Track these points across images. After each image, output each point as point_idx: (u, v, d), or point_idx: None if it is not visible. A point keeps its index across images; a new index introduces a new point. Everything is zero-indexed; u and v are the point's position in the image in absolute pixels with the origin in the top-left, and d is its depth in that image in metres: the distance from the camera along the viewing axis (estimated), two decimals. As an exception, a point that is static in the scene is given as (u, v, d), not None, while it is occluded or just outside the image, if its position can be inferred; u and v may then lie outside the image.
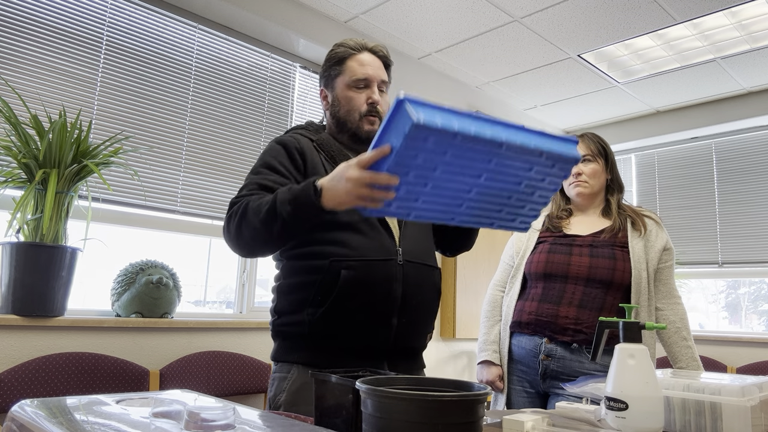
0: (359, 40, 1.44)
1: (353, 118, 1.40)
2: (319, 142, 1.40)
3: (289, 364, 1.32)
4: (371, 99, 1.39)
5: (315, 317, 1.28)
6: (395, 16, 3.20)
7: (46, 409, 0.87)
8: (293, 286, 1.33)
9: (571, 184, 1.88)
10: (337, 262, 1.27)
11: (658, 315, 1.81)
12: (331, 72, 1.44)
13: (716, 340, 3.87)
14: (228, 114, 2.93)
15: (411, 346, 1.38)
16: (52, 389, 2.01)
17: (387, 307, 1.29)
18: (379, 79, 1.42)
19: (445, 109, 0.92)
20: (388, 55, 1.47)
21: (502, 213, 1.11)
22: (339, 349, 1.29)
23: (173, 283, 2.43)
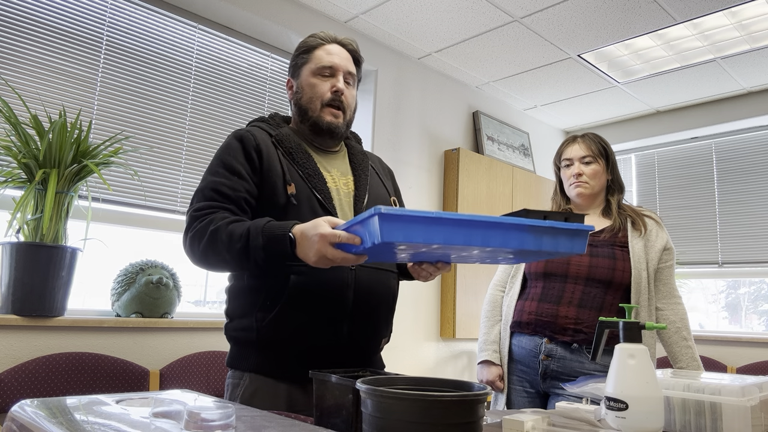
0: (331, 33, 1.43)
1: (315, 106, 1.37)
2: (278, 137, 1.36)
3: (242, 371, 1.29)
4: (335, 87, 1.36)
5: (264, 323, 1.24)
6: (395, 16, 3.20)
7: (46, 409, 0.87)
8: (243, 289, 1.30)
9: (572, 184, 1.87)
10: (287, 266, 1.23)
11: (659, 315, 1.81)
12: (299, 60, 1.42)
13: (716, 340, 3.87)
14: (228, 114, 2.93)
15: (364, 353, 1.34)
16: (52, 389, 2.01)
17: (338, 313, 1.26)
18: (345, 70, 1.39)
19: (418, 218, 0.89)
20: (358, 50, 1.45)
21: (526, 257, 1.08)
22: (289, 356, 1.26)
23: (173, 283, 2.43)
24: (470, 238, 0.92)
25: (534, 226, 0.96)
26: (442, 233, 0.90)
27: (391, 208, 0.87)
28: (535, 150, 4.64)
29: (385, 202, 1.45)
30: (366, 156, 1.50)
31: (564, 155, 1.91)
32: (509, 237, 0.95)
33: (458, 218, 0.90)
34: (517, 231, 0.95)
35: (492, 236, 0.93)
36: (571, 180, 1.88)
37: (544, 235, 0.98)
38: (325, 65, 1.37)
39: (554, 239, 0.99)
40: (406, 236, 0.87)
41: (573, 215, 1.04)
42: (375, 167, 1.52)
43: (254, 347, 1.27)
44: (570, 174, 1.88)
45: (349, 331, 1.28)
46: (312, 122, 1.38)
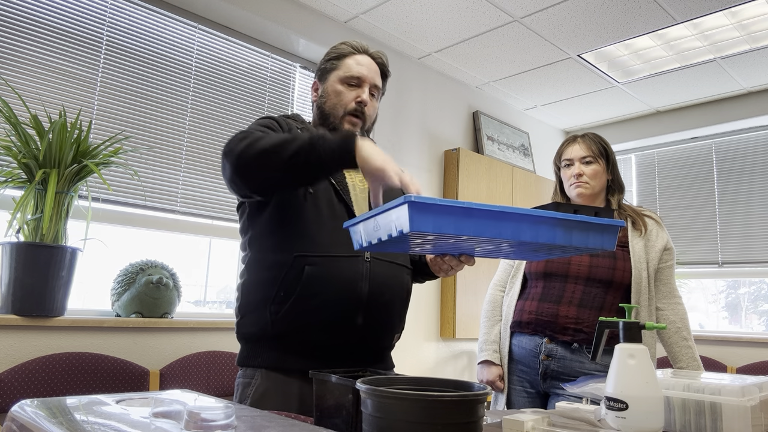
0: (363, 43, 1.45)
1: (337, 113, 1.39)
2: (304, 129, 1.40)
3: (253, 369, 1.29)
4: (360, 98, 1.38)
5: (278, 315, 1.25)
6: (395, 16, 3.20)
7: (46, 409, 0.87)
8: (257, 282, 1.30)
9: (572, 184, 1.87)
10: (301, 257, 1.24)
11: (659, 315, 1.81)
12: (328, 65, 1.44)
13: (716, 340, 3.87)
14: (228, 114, 2.93)
15: (377, 347, 1.34)
16: (52, 389, 2.01)
17: (352, 306, 1.26)
18: (372, 82, 1.41)
19: (449, 208, 0.86)
20: (386, 63, 1.47)
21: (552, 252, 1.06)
22: (302, 349, 1.26)
23: (173, 283, 2.43)
24: (501, 231, 0.90)
25: (565, 220, 0.94)
26: (472, 225, 0.88)
27: (422, 197, 0.85)
28: (535, 150, 4.64)
29: None
30: None
31: (564, 155, 1.91)
32: (540, 230, 0.93)
33: (490, 210, 0.88)
34: (549, 225, 0.93)
35: (523, 229, 0.91)
36: (571, 180, 1.87)
37: (574, 230, 0.96)
38: (354, 75, 1.39)
39: (585, 234, 0.97)
40: (435, 227, 0.85)
41: (603, 210, 1.02)
42: None
43: (267, 342, 1.28)
44: (570, 174, 1.88)
45: (363, 323, 1.28)
46: (331, 128, 1.40)
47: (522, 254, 1.11)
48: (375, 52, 1.45)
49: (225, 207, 2.86)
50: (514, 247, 1.00)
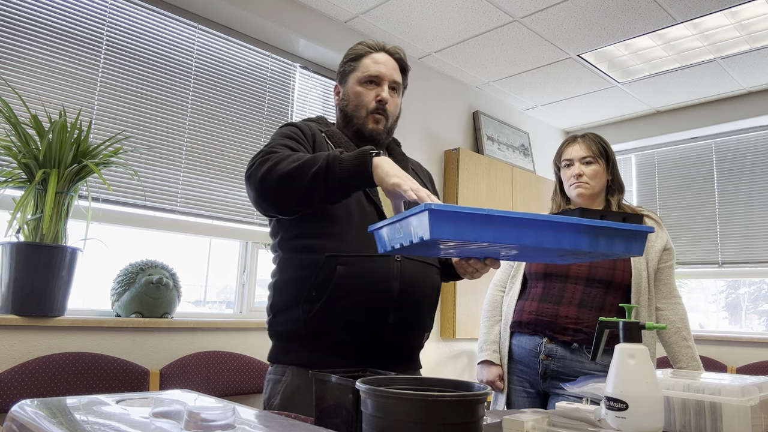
0: (379, 41, 1.46)
1: (360, 114, 1.41)
2: (329, 133, 1.41)
3: (284, 366, 1.31)
4: (380, 96, 1.39)
5: (310, 314, 1.26)
6: (395, 16, 3.20)
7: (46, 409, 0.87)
8: (289, 282, 1.32)
9: (572, 185, 1.87)
10: (332, 257, 1.26)
11: (659, 315, 1.81)
12: (346, 68, 1.45)
13: (716, 340, 3.87)
14: (228, 114, 2.93)
15: (407, 345, 1.36)
16: (52, 389, 2.01)
17: (383, 305, 1.27)
18: (390, 79, 1.42)
19: (468, 215, 0.86)
20: (404, 58, 1.47)
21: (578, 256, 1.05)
22: (334, 348, 1.27)
23: (173, 283, 2.43)
24: (522, 237, 0.90)
25: (591, 226, 0.93)
26: (492, 232, 0.88)
27: (442, 204, 0.85)
28: (535, 150, 4.64)
29: None
30: (406, 158, 1.54)
31: (564, 155, 1.91)
32: (563, 237, 0.92)
33: (511, 216, 0.88)
34: (572, 231, 0.93)
35: (545, 235, 0.91)
36: (571, 180, 1.87)
37: (600, 236, 0.95)
38: (372, 74, 1.40)
39: (610, 240, 0.96)
40: (455, 234, 0.86)
41: (630, 216, 1.01)
42: (415, 169, 1.56)
43: (299, 340, 1.29)
44: (570, 174, 1.88)
45: (394, 321, 1.29)
46: (356, 129, 1.42)
47: (547, 258, 1.10)
48: (392, 47, 1.45)
49: (225, 207, 2.86)
50: (538, 252, 0.99)
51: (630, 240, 0.98)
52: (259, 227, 2.99)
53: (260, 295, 3.04)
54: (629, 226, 0.96)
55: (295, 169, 1.15)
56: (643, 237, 0.99)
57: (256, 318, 2.91)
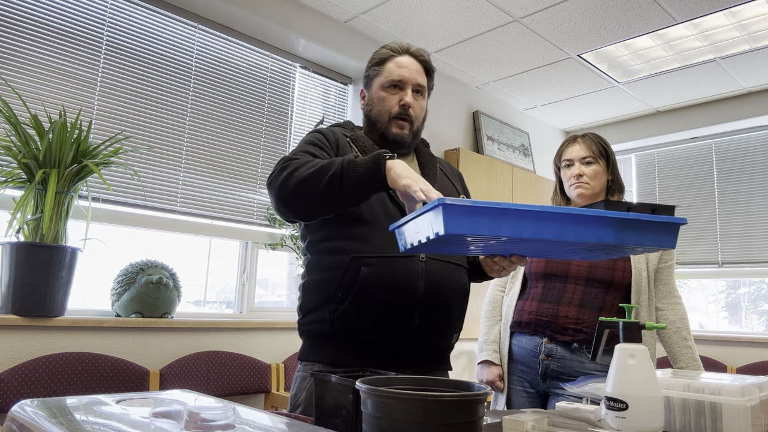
0: (403, 43, 1.45)
1: (383, 119, 1.41)
2: (353, 137, 1.42)
3: (312, 363, 1.33)
4: (403, 101, 1.39)
5: (336, 314, 1.28)
6: (395, 16, 3.20)
7: (46, 409, 0.87)
8: (316, 283, 1.34)
9: (572, 185, 1.87)
10: (357, 258, 1.27)
11: (659, 315, 1.81)
12: (371, 72, 1.45)
13: (716, 340, 3.87)
14: (228, 114, 2.93)
15: (435, 346, 1.36)
16: (52, 389, 2.01)
17: (408, 306, 1.28)
18: (414, 82, 1.41)
19: (483, 209, 0.84)
20: (429, 60, 1.47)
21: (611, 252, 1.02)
22: (360, 348, 1.29)
23: (173, 283, 2.43)
24: (541, 231, 0.87)
25: (615, 218, 0.90)
26: (509, 226, 0.86)
27: (455, 199, 0.84)
28: (535, 150, 4.64)
29: None
30: (434, 158, 1.53)
31: (564, 155, 1.91)
32: (586, 230, 0.89)
33: (527, 209, 0.86)
34: (596, 224, 0.89)
35: (566, 229, 0.88)
36: (571, 181, 1.87)
37: (628, 229, 0.91)
38: (395, 79, 1.40)
39: (640, 233, 0.92)
40: (470, 228, 0.84)
41: (661, 207, 0.96)
42: (444, 169, 1.55)
43: (327, 339, 1.31)
44: (570, 174, 1.88)
45: (420, 322, 1.29)
46: (380, 134, 1.42)
47: (577, 254, 1.08)
48: (416, 50, 1.45)
49: (225, 207, 2.86)
50: (564, 247, 0.97)
51: (661, 232, 0.93)
52: (259, 227, 2.99)
53: (260, 295, 3.05)
54: (659, 218, 0.92)
55: (311, 174, 1.17)
56: (675, 229, 0.94)
57: (256, 318, 2.91)
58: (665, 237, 0.94)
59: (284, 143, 3.16)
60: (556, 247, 0.98)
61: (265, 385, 2.63)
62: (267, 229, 3.01)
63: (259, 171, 3.02)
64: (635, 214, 0.91)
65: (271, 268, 3.14)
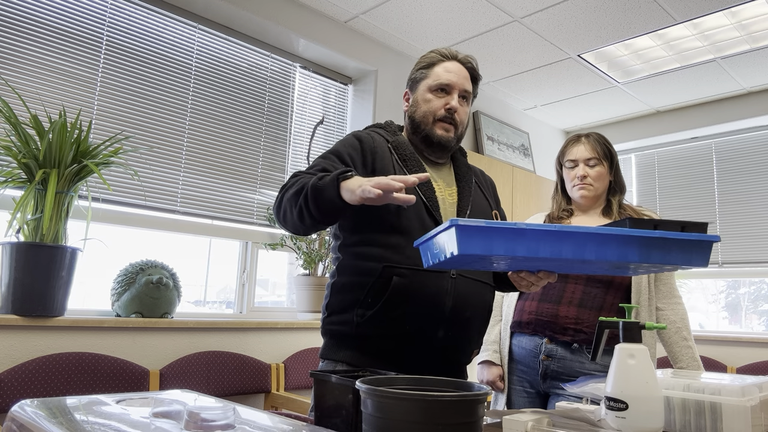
0: (452, 50, 1.46)
1: (428, 121, 1.41)
2: (395, 143, 1.41)
3: (333, 362, 1.34)
4: (449, 105, 1.40)
5: (363, 319, 1.29)
6: (395, 16, 3.20)
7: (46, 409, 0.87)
8: (346, 285, 1.34)
9: (575, 186, 1.87)
10: (389, 268, 1.28)
11: (659, 315, 1.81)
12: (418, 75, 1.46)
13: (716, 340, 3.87)
14: (228, 114, 2.93)
15: (455, 361, 1.37)
16: (52, 389, 2.01)
17: (434, 320, 1.29)
18: (461, 88, 1.42)
19: (497, 230, 0.84)
20: (476, 67, 1.48)
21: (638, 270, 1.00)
22: (381, 354, 1.30)
23: (173, 283, 2.43)
24: (560, 250, 0.87)
25: (639, 237, 0.87)
26: (525, 246, 0.86)
27: (468, 220, 0.84)
28: (535, 150, 4.64)
29: (487, 215, 1.49)
30: (470, 169, 1.54)
31: (568, 155, 1.90)
32: (607, 248, 0.88)
33: (544, 229, 0.85)
34: (618, 242, 0.88)
35: (585, 248, 0.87)
36: (575, 181, 1.87)
37: (652, 248, 0.88)
38: (443, 83, 1.41)
39: (665, 252, 0.89)
40: (484, 249, 0.84)
41: (691, 224, 0.92)
42: (478, 180, 1.55)
43: (350, 341, 1.32)
44: (574, 175, 1.87)
45: (444, 337, 1.31)
46: (424, 135, 1.42)
47: (605, 271, 1.06)
48: (464, 57, 1.46)
49: (225, 207, 2.86)
50: (591, 265, 0.96)
51: (691, 251, 0.90)
52: (259, 227, 2.99)
53: (260, 295, 3.05)
54: (687, 235, 0.89)
55: (292, 196, 1.23)
56: (708, 246, 0.91)
57: (256, 318, 2.91)
58: (695, 256, 0.91)
59: (284, 143, 3.16)
60: (582, 265, 0.97)
61: (265, 385, 2.63)
62: (267, 229, 3.01)
63: (259, 171, 3.02)
64: (661, 232, 0.89)
65: (271, 268, 3.14)
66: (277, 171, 3.11)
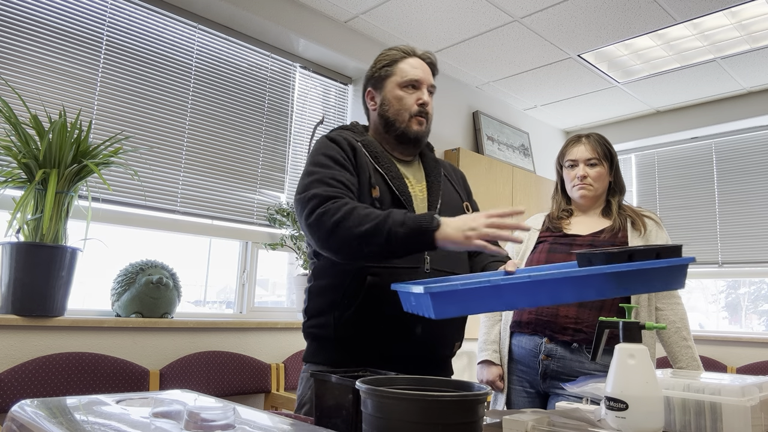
0: (409, 46, 1.48)
1: (403, 118, 1.42)
2: (364, 143, 1.42)
3: (317, 364, 1.35)
4: (421, 100, 1.42)
5: (341, 321, 1.30)
6: (395, 16, 3.20)
7: (46, 409, 0.87)
8: (323, 288, 1.36)
9: (575, 186, 1.87)
10: (364, 267, 1.29)
11: (658, 315, 1.81)
12: (381, 73, 1.46)
13: (716, 340, 3.87)
14: (228, 114, 2.93)
15: (437, 356, 1.38)
16: (52, 389, 2.01)
17: (411, 316, 1.29)
18: (429, 83, 1.45)
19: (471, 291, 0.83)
20: (436, 62, 1.51)
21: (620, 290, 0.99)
22: (362, 353, 1.31)
23: (173, 283, 2.43)
24: (536, 299, 0.86)
25: (616, 273, 0.86)
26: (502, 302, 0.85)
27: (443, 286, 0.83)
28: (535, 150, 4.64)
29: (458, 208, 1.50)
30: (438, 163, 1.55)
31: (568, 156, 1.90)
32: (586, 289, 0.86)
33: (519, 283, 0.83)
34: (596, 281, 0.86)
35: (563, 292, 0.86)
36: (575, 182, 1.87)
37: (630, 280, 0.87)
38: (412, 78, 1.43)
39: (644, 281, 0.88)
40: (460, 310, 0.84)
41: (665, 249, 0.90)
42: (447, 174, 1.56)
43: (330, 343, 1.33)
44: (574, 175, 1.87)
45: (423, 331, 1.31)
46: (400, 132, 1.43)
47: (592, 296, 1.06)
48: (423, 53, 1.49)
49: (225, 207, 2.86)
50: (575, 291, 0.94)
51: (668, 276, 0.89)
52: (259, 227, 2.99)
53: (260, 295, 3.05)
54: (662, 263, 0.87)
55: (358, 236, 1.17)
56: (684, 270, 0.89)
57: (256, 318, 2.91)
58: (673, 279, 0.91)
59: (284, 143, 3.16)
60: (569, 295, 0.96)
61: (265, 385, 2.62)
62: (267, 229, 3.01)
63: (259, 171, 3.02)
64: (637, 264, 0.87)
65: (271, 268, 3.14)
66: (277, 171, 3.11)
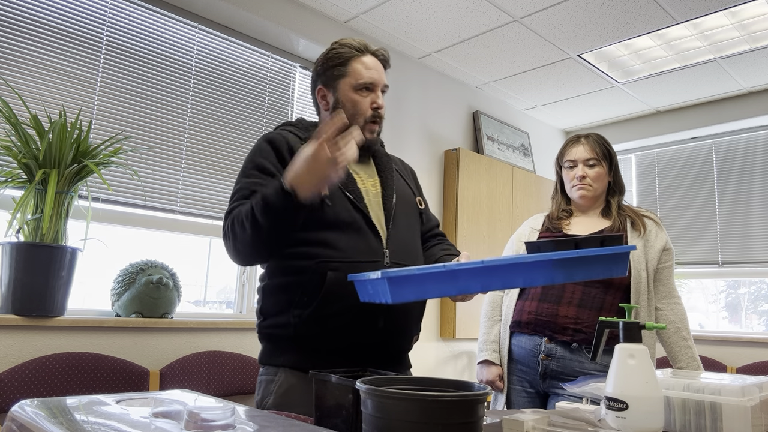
0: (361, 40, 1.42)
1: (357, 123, 1.39)
2: (307, 139, 1.39)
3: (276, 367, 1.32)
4: (376, 103, 1.39)
5: (301, 319, 1.27)
6: (395, 16, 3.20)
7: (46, 409, 0.87)
8: (279, 286, 1.33)
9: (574, 186, 1.87)
10: (323, 263, 1.27)
11: (658, 315, 1.81)
12: (334, 72, 1.41)
13: (716, 340, 3.87)
14: (228, 114, 2.93)
15: (397, 349, 1.38)
16: (52, 389, 2.01)
17: (373, 310, 1.28)
18: (383, 84, 1.42)
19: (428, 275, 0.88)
20: (389, 58, 1.47)
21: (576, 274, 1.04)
22: (325, 351, 1.29)
23: (173, 283, 2.43)
24: (490, 284, 0.90)
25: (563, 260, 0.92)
26: (456, 285, 0.89)
27: (398, 270, 0.86)
28: (535, 150, 4.64)
29: (411, 202, 1.50)
30: (389, 158, 1.54)
31: (567, 156, 1.91)
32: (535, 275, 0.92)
33: (473, 268, 0.88)
34: (544, 268, 0.92)
35: (515, 278, 0.91)
36: (574, 182, 1.87)
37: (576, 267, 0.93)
38: (366, 82, 1.38)
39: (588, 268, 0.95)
40: (417, 294, 0.87)
41: (609, 237, 0.98)
42: (398, 169, 1.56)
43: (290, 344, 1.30)
44: (573, 176, 1.87)
45: (384, 326, 1.30)
46: None
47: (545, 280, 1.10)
48: (377, 50, 1.44)
49: (225, 207, 2.85)
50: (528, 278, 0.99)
51: (610, 263, 0.97)
52: (259, 227, 2.99)
53: (260, 295, 3.04)
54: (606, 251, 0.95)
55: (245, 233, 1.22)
56: (625, 257, 0.98)
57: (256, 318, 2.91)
58: (614, 267, 0.99)
59: (284, 143, 3.16)
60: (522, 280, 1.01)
61: (265, 385, 2.63)
62: (267, 229, 3.01)
63: (259, 171, 3.02)
64: (582, 251, 0.95)
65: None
66: (277, 171, 3.11)
